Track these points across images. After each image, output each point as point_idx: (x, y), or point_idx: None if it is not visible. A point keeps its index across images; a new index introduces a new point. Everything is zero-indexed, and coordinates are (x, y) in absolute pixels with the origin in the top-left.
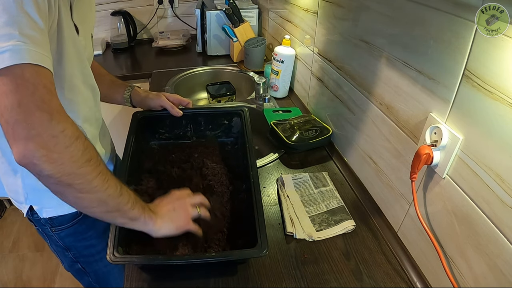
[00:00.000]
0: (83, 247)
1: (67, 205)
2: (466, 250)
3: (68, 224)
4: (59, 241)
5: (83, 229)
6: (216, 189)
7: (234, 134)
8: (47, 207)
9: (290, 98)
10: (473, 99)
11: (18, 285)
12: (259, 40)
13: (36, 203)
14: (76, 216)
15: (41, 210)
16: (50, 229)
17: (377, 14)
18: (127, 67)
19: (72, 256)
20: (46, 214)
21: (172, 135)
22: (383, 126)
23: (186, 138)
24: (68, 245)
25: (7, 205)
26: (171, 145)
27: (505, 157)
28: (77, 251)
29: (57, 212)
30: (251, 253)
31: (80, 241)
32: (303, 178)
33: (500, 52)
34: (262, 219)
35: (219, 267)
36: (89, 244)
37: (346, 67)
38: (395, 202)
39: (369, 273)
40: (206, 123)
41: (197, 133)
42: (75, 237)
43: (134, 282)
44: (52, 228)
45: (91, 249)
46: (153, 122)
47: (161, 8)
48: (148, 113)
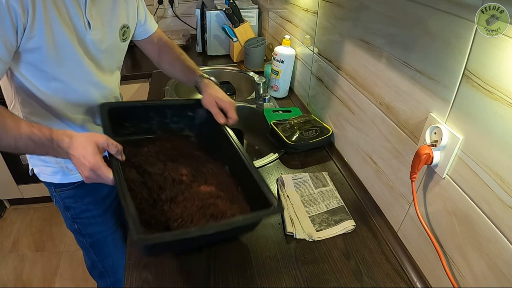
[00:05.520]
0: (81, 210)
1: (60, 175)
2: (466, 250)
3: (69, 187)
4: (60, 201)
5: (82, 194)
6: (206, 173)
7: (197, 126)
8: (43, 173)
9: (290, 98)
10: (473, 99)
11: (18, 285)
12: (259, 40)
13: (36, 167)
14: (75, 182)
15: (39, 174)
16: (54, 189)
17: (377, 14)
18: (127, 67)
19: (70, 216)
20: (43, 178)
21: (138, 129)
22: (383, 126)
23: (152, 132)
24: (68, 205)
25: (7, 205)
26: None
27: (505, 157)
28: (75, 212)
29: (52, 179)
30: (270, 211)
31: (78, 204)
32: (303, 178)
33: (500, 52)
34: (262, 181)
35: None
36: (86, 208)
37: (346, 67)
38: (395, 202)
39: (369, 273)
40: (172, 116)
41: (163, 126)
42: (74, 199)
43: (134, 282)
44: (56, 188)
45: (87, 213)
46: (119, 115)
47: (161, 8)
48: (114, 105)
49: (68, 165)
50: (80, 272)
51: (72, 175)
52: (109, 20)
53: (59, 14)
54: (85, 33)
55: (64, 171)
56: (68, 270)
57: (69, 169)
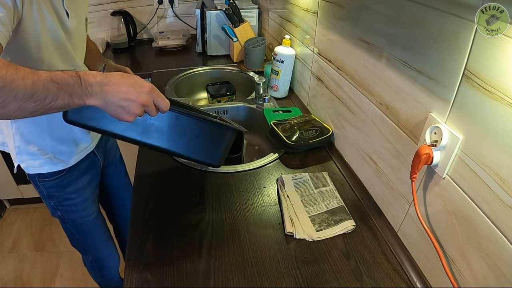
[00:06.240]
0: (63, 198)
1: (48, 166)
2: (466, 250)
3: (52, 178)
4: (44, 190)
5: (64, 184)
6: None
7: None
8: (31, 166)
9: (290, 98)
10: (473, 99)
11: (18, 285)
12: (259, 40)
13: (23, 162)
14: (60, 173)
15: (27, 168)
16: (38, 179)
17: (377, 14)
18: (127, 67)
19: (53, 204)
20: (31, 171)
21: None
22: (383, 126)
23: None
24: (51, 194)
25: (7, 205)
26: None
27: (505, 157)
28: (57, 200)
29: (41, 170)
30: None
31: (60, 193)
32: (303, 178)
33: (500, 52)
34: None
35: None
36: (68, 197)
37: (346, 67)
38: (395, 202)
39: (369, 273)
40: None
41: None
42: (57, 189)
43: (134, 282)
44: (40, 179)
45: (68, 201)
46: None
47: (161, 8)
48: None
49: (55, 154)
50: (80, 272)
51: (60, 163)
52: (78, 12)
53: (44, 2)
54: (66, 20)
55: (53, 161)
56: (68, 270)
57: (57, 158)
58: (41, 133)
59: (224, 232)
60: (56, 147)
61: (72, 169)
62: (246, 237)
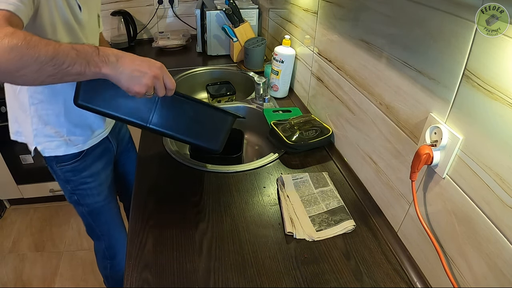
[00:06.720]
0: (79, 183)
1: (63, 147)
2: (466, 250)
3: (69, 162)
4: (61, 175)
5: (80, 168)
6: None
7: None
8: (48, 148)
9: (290, 98)
10: (473, 99)
11: (18, 285)
12: (259, 40)
13: (40, 144)
14: (76, 157)
15: (43, 151)
16: (56, 164)
17: (377, 14)
18: None
19: (70, 189)
20: (47, 153)
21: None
22: (383, 126)
23: None
24: (68, 179)
25: (7, 205)
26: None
27: (505, 157)
28: (74, 185)
29: (56, 152)
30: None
31: (77, 177)
32: (303, 178)
33: (500, 52)
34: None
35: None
36: (84, 181)
37: (346, 67)
38: (395, 202)
39: (369, 273)
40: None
41: None
42: (73, 173)
43: (134, 282)
44: (57, 164)
45: (84, 185)
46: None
47: (161, 8)
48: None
49: (71, 137)
50: (80, 272)
51: (74, 146)
52: (90, 6)
53: None
54: (78, 13)
55: (67, 143)
56: (68, 270)
57: (71, 141)
58: (58, 116)
59: (224, 232)
60: (71, 130)
61: (88, 154)
62: (246, 237)
